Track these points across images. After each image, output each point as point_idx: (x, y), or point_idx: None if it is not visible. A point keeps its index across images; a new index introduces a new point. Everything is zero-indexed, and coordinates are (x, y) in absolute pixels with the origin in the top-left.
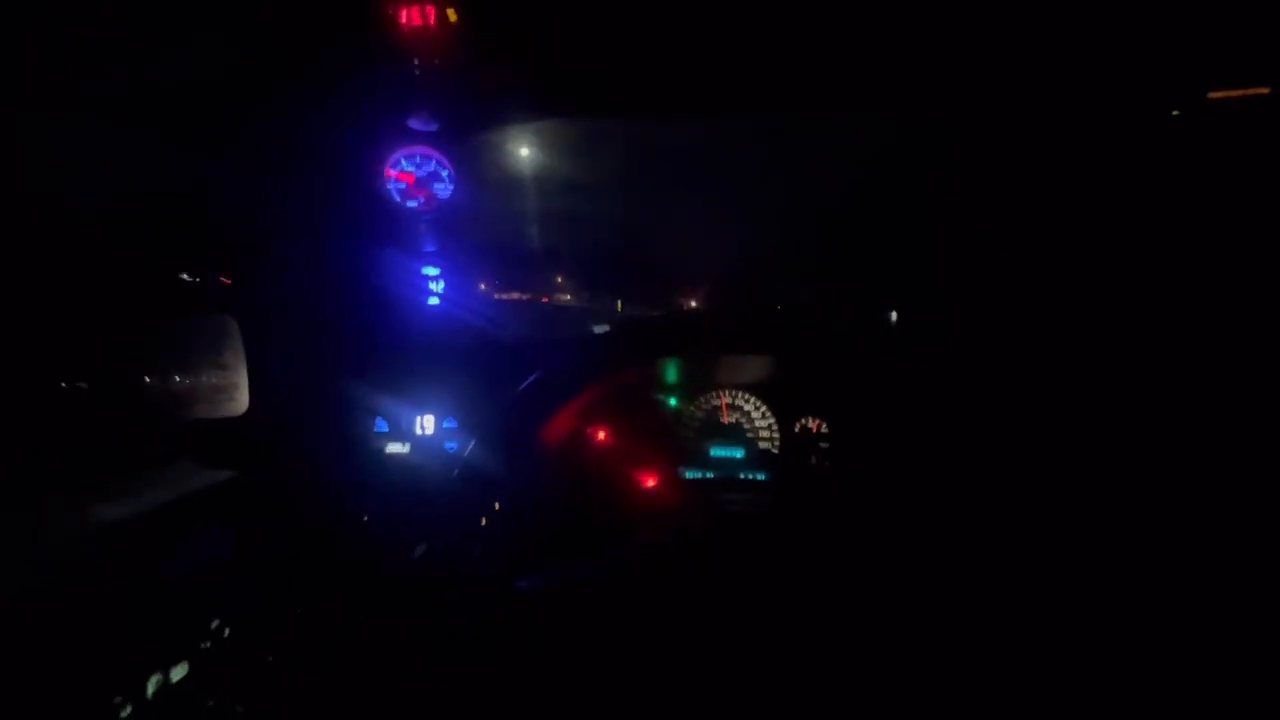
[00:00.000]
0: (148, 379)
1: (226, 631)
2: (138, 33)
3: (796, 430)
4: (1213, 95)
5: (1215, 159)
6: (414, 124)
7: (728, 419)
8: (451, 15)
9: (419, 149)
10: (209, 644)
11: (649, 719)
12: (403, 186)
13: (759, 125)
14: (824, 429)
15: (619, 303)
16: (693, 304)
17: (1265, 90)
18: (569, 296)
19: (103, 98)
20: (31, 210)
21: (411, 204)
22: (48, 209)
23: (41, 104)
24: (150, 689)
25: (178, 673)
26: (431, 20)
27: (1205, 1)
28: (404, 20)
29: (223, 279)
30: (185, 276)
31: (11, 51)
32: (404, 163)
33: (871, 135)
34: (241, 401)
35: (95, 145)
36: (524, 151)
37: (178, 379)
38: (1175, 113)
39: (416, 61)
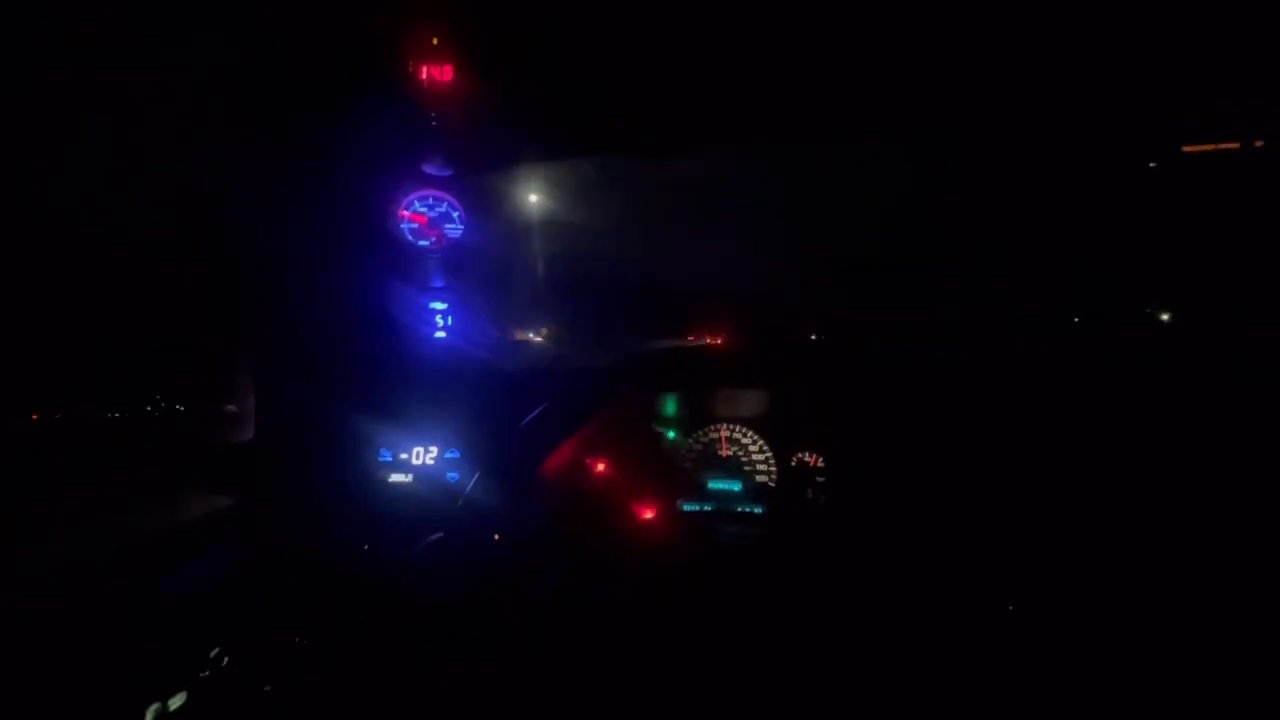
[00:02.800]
0: (176, 407)
1: (225, 660)
2: (170, 74)
3: (793, 464)
4: (1187, 149)
5: (1188, 203)
6: (428, 169)
7: (725, 452)
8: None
9: (432, 192)
10: (208, 672)
11: None
12: (415, 226)
13: (758, 159)
14: (820, 463)
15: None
16: (705, 338)
17: (1236, 145)
18: (540, 336)
19: (128, 134)
20: (61, 248)
21: (423, 243)
22: (73, 241)
23: (77, 150)
24: (149, 717)
25: (176, 701)
26: (449, 76)
27: (1184, 66)
28: (424, 76)
29: (235, 309)
30: (198, 306)
31: (52, 91)
32: (417, 204)
33: (876, 175)
34: (247, 429)
35: (120, 175)
36: (532, 193)
37: (179, 407)
38: (1152, 164)
39: (433, 112)
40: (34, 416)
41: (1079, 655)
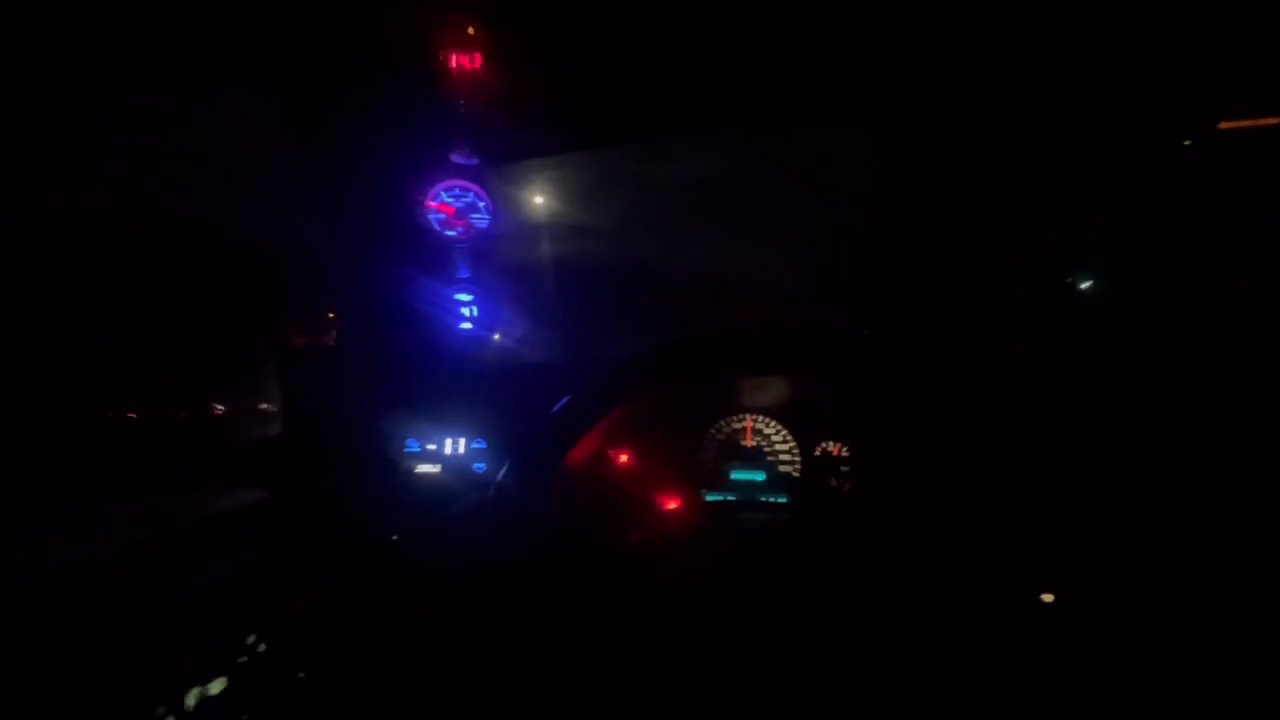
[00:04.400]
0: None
1: (262, 647)
2: (203, 79)
3: (817, 453)
4: (1224, 125)
5: (1226, 183)
6: (455, 158)
7: (749, 442)
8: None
9: (458, 182)
10: (245, 659)
11: None
12: (442, 217)
13: (781, 148)
14: (844, 452)
15: None
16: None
17: (1276, 120)
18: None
19: (158, 136)
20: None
21: (450, 233)
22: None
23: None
24: (190, 701)
25: (216, 686)
26: (478, 64)
27: (1217, 38)
28: (453, 64)
29: (264, 301)
30: (230, 301)
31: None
32: (444, 195)
33: (890, 159)
34: (276, 423)
35: (149, 174)
36: (553, 185)
37: (218, 407)
38: (1188, 142)
39: (461, 101)
40: (131, 415)
41: (1115, 647)
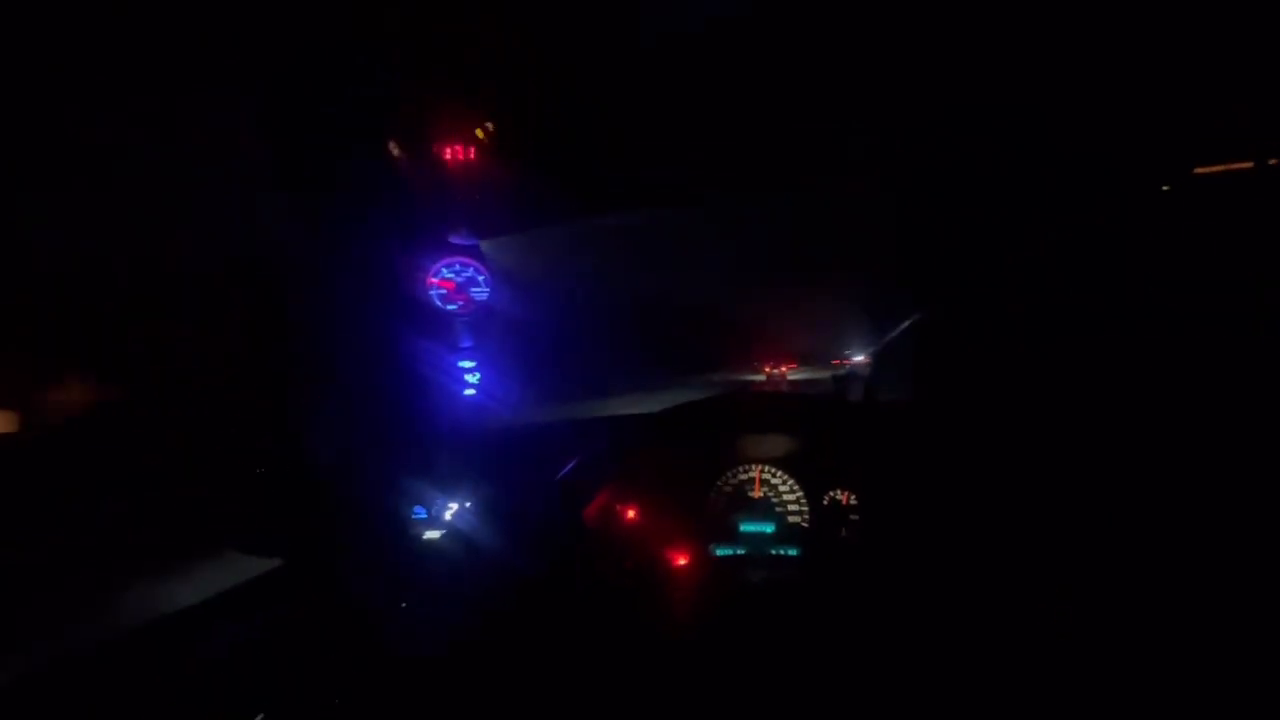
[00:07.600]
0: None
1: None
2: (211, 153)
3: (825, 503)
4: (1199, 170)
5: (1202, 228)
6: (454, 239)
7: (757, 493)
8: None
9: (458, 259)
10: None
11: None
12: (443, 292)
13: (767, 209)
14: (853, 501)
15: None
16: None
17: (1250, 165)
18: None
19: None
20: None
21: (451, 307)
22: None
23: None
24: None
25: None
26: (472, 154)
27: (1193, 86)
28: (447, 156)
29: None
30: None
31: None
32: (444, 271)
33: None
34: (283, 490)
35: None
36: (550, 242)
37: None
38: (1165, 188)
39: (457, 187)
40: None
41: (1134, 701)
